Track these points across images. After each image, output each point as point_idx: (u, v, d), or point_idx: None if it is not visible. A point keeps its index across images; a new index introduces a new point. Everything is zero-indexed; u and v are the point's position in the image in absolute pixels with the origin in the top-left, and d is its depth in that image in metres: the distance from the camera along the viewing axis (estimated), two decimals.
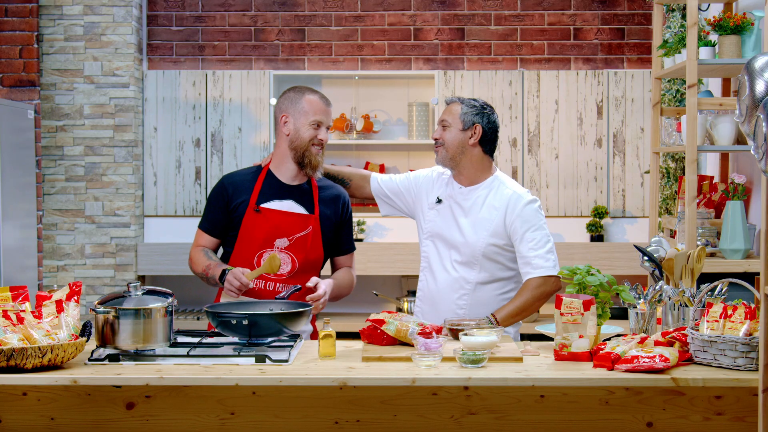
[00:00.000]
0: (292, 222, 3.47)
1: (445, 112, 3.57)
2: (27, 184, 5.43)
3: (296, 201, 3.51)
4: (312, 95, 3.50)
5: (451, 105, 3.58)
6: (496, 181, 3.57)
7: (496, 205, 3.51)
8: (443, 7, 6.01)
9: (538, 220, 3.50)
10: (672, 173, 5.46)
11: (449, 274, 3.54)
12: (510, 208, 3.49)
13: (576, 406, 2.89)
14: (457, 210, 3.56)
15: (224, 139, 5.90)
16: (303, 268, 3.48)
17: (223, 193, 3.52)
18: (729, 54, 4.44)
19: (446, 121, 3.54)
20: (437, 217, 3.60)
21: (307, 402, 2.90)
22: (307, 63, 6.04)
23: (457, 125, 3.52)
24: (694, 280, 3.31)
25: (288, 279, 3.46)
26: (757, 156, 2.51)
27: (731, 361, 2.79)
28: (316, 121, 3.47)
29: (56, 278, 5.72)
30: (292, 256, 3.46)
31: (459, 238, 3.52)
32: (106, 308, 2.92)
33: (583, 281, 3.07)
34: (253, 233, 3.45)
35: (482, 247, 3.49)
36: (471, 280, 3.52)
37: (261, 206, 3.46)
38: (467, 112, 3.52)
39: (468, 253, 3.51)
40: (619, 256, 5.66)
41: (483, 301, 3.52)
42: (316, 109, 3.48)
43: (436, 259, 3.59)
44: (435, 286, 3.58)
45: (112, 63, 5.71)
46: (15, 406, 2.91)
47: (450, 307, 3.53)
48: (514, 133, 5.87)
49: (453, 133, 3.52)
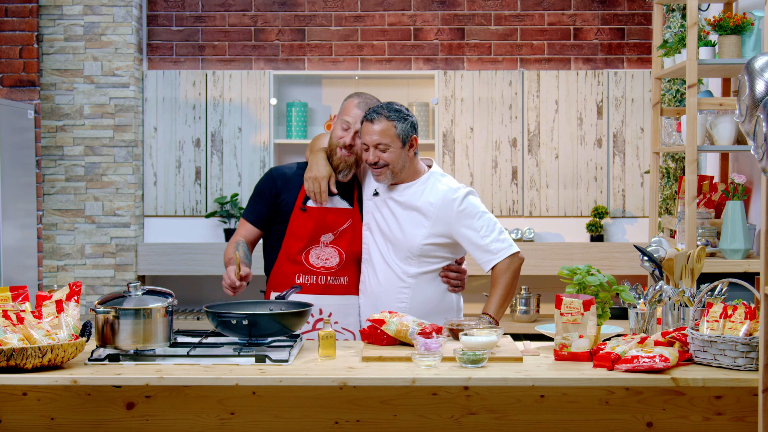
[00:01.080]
0: (335, 216, 3.56)
1: (375, 133, 3.39)
2: (27, 184, 5.43)
3: (341, 196, 3.60)
4: (355, 98, 3.60)
5: (378, 123, 3.40)
6: (431, 178, 3.52)
7: (431, 201, 3.46)
8: (443, 7, 6.01)
9: (476, 208, 3.46)
10: (672, 173, 5.46)
11: (389, 268, 3.51)
12: (446, 207, 3.44)
13: (576, 406, 2.89)
14: (393, 205, 3.52)
15: (224, 139, 5.90)
16: (351, 259, 3.58)
17: (272, 185, 3.60)
18: (729, 54, 4.44)
19: (383, 144, 3.40)
20: (375, 209, 3.57)
21: (307, 402, 2.90)
22: (307, 63, 6.04)
23: (396, 144, 3.42)
24: (694, 280, 3.31)
25: (338, 271, 3.56)
26: (757, 156, 2.51)
27: (731, 361, 2.79)
28: (346, 121, 3.54)
29: (56, 278, 5.72)
30: (338, 249, 3.56)
31: (395, 233, 3.49)
32: (106, 308, 2.92)
33: (583, 281, 3.07)
34: (300, 231, 3.55)
35: (418, 245, 3.46)
36: (411, 273, 3.49)
37: (307, 205, 3.55)
38: (403, 129, 3.42)
39: (405, 249, 3.48)
40: (619, 256, 5.66)
41: (426, 295, 3.50)
42: (347, 109, 3.57)
43: (376, 252, 3.55)
44: (376, 281, 3.54)
45: (112, 63, 5.71)
46: (15, 406, 2.91)
47: (391, 302, 3.49)
48: (514, 133, 5.87)
49: (394, 153, 3.42)
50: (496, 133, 5.87)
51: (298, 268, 3.55)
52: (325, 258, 3.55)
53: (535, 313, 5.60)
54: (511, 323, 5.51)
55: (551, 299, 5.06)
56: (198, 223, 5.94)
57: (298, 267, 3.55)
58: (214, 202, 5.89)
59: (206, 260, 5.73)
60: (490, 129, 5.87)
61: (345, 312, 3.57)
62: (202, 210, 5.91)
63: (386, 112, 3.43)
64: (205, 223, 5.93)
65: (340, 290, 3.56)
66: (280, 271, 3.59)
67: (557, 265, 5.34)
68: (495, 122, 5.86)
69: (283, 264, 3.58)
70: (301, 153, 5.98)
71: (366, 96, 3.62)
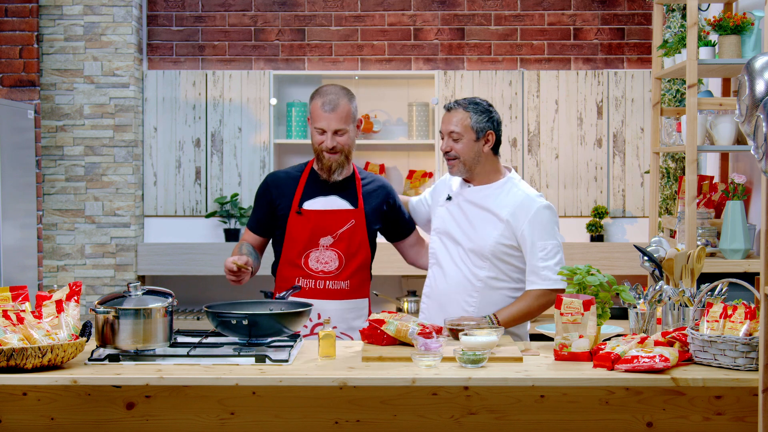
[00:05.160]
0: (334, 219, 3.52)
1: (452, 123, 3.38)
2: (27, 184, 5.43)
3: (340, 195, 3.55)
4: (317, 99, 3.49)
5: (455, 113, 3.40)
6: (509, 183, 3.45)
7: (506, 206, 3.38)
8: (443, 7, 6.01)
9: (550, 227, 3.37)
10: (672, 173, 5.46)
11: (459, 270, 3.43)
12: (520, 212, 3.36)
13: (576, 406, 2.89)
14: (467, 207, 3.46)
15: (224, 139, 5.90)
16: (350, 262, 3.53)
17: (266, 193, 3.59)
18: (729, 54, 4.44)
19: (456, 133, 3.38)
20: (446, 214, 3.51)
21: (307, 402, 2.90)
22: (307, 63, 6.04)
23: (469, 136, 3.38)
24: (694, 280, 3.31)
25: (337, 275, 3.52)
26: (757, 156, 2.51)
27: (731, 361, 2.79)
28: (319, 128, 3.48)
29: (56, 278, 5.72)
30: (338, 252, 3.52)
31: (467, 233, 3.42)
32: (106, 308, 2.93)
33: (583, 281, 3.07)
34: (297, 235, 3.51)
35: (491, 245, 3.38)
36: (481, 276, 3.41)
37: (303, 207, 3.51)
38: (479, 120, 3.38)
39: (476, 249, 3.40)
40: (619, 256, 5.66)
41: (494, 302, 3.41)
42: (315, 116, 3.50)
43: (445, 255, 3.48)
44: (444, 283, 3.47)
45: (112, 63, 5.71)
46: (15, 406, 2.91)
47: (459, 307, 3.42)
48: (514, 133, 5.87)
49: (467, 145, 3.38)
50: None
51: (298, 272, 3.53)
52: (325, 261, 3.52)
53: None
54: None
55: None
56: (198, 223, 5.94)
57: (298, 271, 3.53)
58: (214, 202, 5.89)
59: (206, 260, 5.73)
60: None
61: (344, 316, 3.54)
62: (202, 210, 5.91)
63: (465, 103, 3.42)
64: (205, 223, 5.93)
65: (341, 295, 3.53)
66: (282, 275, 3.59)
67: None
68: None
69: (284, 268, 3.57)
70: (301, 153, 5.99)
71: (328, 92, 3.49)
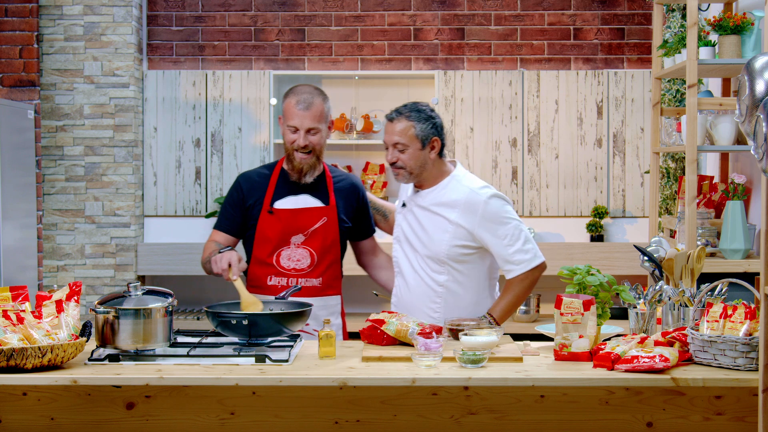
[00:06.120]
0: (306, 217, 3.51)
1: (396, 133, 3.37)
2: (27, 184, 5.43)
3: (311, 194, 3.55)
4: (291, 98, 3.49)
5: (398, 123, 3.37)
6: (453, 181, 3.44)
7: (453, 207, 3.39)
8: (443, 7, 6.01)
9: (503, 214, 3.38)
10: (672, 173, 5.46)
11: (419, 277, 3.46)
12: (468, 211, 3.37)
13: (576, 406, 2.89)
14: (419, 212, 3.47)
15: (224, 139, 5.90)
16: (322, 260, 3.53)
17: (238, 192, 3.57)
18: (729, 54, 4.44)
19: (401, 144, 3.37)
20: (402, 221, 3.54)
21: (307, 402, 2.90)
22: (307, 63, 6.04)
23: (415, 145, 3.37)
24: (694, 280, 3.31)
25: (309, 272, 3.51)
26: (757, 156, 2.51)
27: (731, 361, 2.79)
28: (292, 126, 3.47)
29: (56, 278, 5.72)
30: (309, 250, 3.51)
31: (422, 239, 3.44)
32: (106, 308, 2.93)
33: (583, 281, 3.07)
34: (269, 234, 3.50)
35: (445, 249, 3.39)
36: (441, 281, 3.43)
37: (274, 207, 3.50)
38: (423, 129, 3.37)
39: (432, 255, 3.42)
40: (619, 256, 5.66)
41: (458, 306, 3.44)
42: (288, 114, 3.49)
43: (405, 263, 3.51)
44: (407, 292, 3.50)
45: (112, 63, 5.70)
46: (15, 406, 2.91)
47: (424, 315, 3.43)
48: (514, 133, 5.87)
49: (413, 154, 3.38)
50: (496, 133, 5.87)
51: (269, 270, 3.50)
52: (297, 259, 3.50)
53: (535, 313, 5.60)
54: (511, 323, 5.50)
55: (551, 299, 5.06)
56: (198, 223, 5.94)
57: (269, 269, 3.50)
58: (214, 202, 5.89)
59: None
60: (490, 129, 5.87)
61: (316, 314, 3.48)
62: (202, 210, 5.91)
63: (407, 111, 3.39)
64: (205, 223, 5.92)
65: (313, 292, 3.50)
66: (253, 274, 3.55)
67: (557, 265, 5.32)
68: (495, 122, 5.87)
69: (256, 267, 3.54)
70: None
71: (302, 91, 3.49)
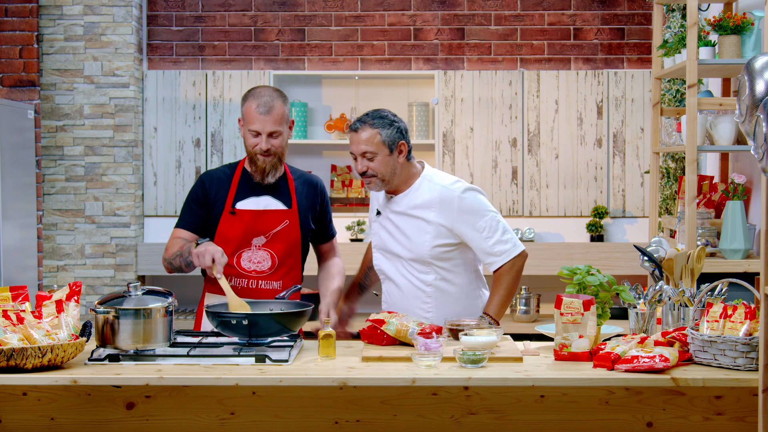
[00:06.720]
0: (267, 219, 3.46)
1: (362, 142, 3.35)
2: (27, 184, 5.43)
3: (273, 196, 3.49)
4: (251, 101, 3.40)
5: (363, 132, 3.36)
6: (424, 181, 3.44)
7: (429, 207, 3.39)
8: (443, 7, 6.01)
9: (478, 207, 3.39)
10: (672, 173, 5.46)
11: (408, 280, 3.46)
12: (444, 209, 3.38)
13: (576, 406, 2.89)
14: (396, 218, 3.46)
15: (224, 139, 5.90)
16: (283, 262, 3.48)
17: (203, 190, 3.49)
18: (729, 54, 4.44)
19: (369, 152, 3.36)
20: (380, 229, 3.53)
21: (307, 402, 2.90)
22: (307, 63, 6.04)
23: (383, 152, 3.36)
24: (694, 280, 3.31)
25: (270, 275, 3.47)
26: (757, 156, 2.51)
27: (731, 361, 2.79)
28: (253, 130, 3.40)
29: (56, 278, 5.72)
30: (270, 252, 3.46)
31: (403, 244, 3.44)
32: (106, 308, 2.93)
33: (583, 281, 3.07)
34: (230, 235, 3.44)
35: (428, 250, 3.40)
36: (429, 281, 3.44)
37: (236, 207, 3.45)
38: (389, 135, 3.36)
39: (416, 258, 3.42)
40: (619, 256, 5.66)
41: (450, 302, 3.45)
42: (249, 118, 3.41)
43: (391, 269, 3.50)
44: (399, 295, 3.49)
45: (112, 63, 5.70)
46: (15, 406, 2.91)
47: (417, 316, 3.42)
48: (514, 133, 5.87)
49: (382, 162, 3.36)
50: (496, 133, 5.87)
51: (229, 271, 3.42)
52: (257, 261, 3.46)
53: (535, 313, 5.60)
54: (511, 323, 5.51)
55: (551, 299, 5.06)
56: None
57: (230, 270, 3.43)
58: None
59: None
60: (490, 129, 5.87)
61: None
62: None
63: (370, 120, 3.38)
64: None
65: (272, 294, 3.45)
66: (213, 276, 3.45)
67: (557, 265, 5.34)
68: (495, 122, 5.87)
69: None
70: (301, 153, 5.99)
71: (262, 94, 3.40)
